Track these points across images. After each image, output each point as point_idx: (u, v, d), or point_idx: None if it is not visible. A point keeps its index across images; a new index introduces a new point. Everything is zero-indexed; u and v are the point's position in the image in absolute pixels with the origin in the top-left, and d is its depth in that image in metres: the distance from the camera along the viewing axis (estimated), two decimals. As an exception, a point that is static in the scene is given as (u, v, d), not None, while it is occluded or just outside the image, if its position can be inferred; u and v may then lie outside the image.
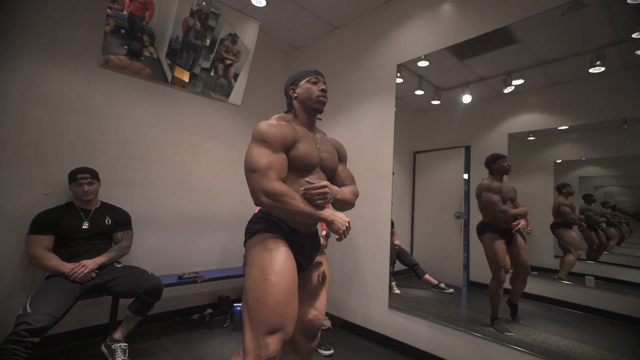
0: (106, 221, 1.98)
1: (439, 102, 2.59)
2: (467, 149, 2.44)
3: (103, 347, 1.88)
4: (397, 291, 2.48)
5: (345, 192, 1.23)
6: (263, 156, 1.03)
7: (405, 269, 2.63)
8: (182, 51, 2.53)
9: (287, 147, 1.10)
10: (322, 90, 1.23)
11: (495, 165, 2.06)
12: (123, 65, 2.30)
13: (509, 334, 1.80)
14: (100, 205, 2.02)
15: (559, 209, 2.00)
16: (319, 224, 1.82)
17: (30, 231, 1.77)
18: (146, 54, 2.41)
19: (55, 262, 1.73)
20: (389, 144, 2.42)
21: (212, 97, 2.83)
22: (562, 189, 2.00)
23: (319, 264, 1.24)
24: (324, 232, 2.21)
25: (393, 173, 2.38)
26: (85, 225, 1.89)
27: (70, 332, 2.07)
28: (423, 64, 2.31)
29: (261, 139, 1.06)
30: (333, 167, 1.27)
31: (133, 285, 1.84)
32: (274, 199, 0.99)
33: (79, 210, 1.92)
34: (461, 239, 2.44)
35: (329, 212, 1.07)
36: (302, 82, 1.24)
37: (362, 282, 2.49)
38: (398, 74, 2.41)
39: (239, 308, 2.48)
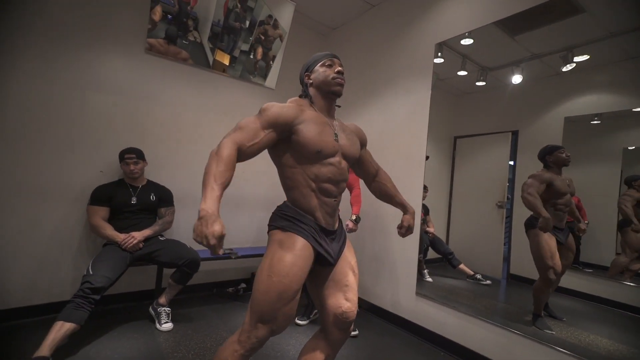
0: (151, 197, 2.14)
1: (484, 84, 2.39)
2: (515, 134, 2.24)
3: (150, 309, 2.09)
4: (429, 279, 2.41)
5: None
6: (249, 119, 1.04)
7: (439, 257, 2.54)
8: (222, 34, 2.60)
9: (277, 126, 1.05)
10: (338, 72, 1.17)
11: (552, 157, 1.84)
12: (161, 49, 2.41)
13: (550, 332, 1.67)
14: (146, 182, 2.19)
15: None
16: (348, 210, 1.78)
17: (90, 202, 2.00)
18: (190, 38, 2.50)
19: (110, 231, 1.94)
20: (423, 128, 2.31)
21: (251, 81, 2.89)
22: (632, 182, 1.74)
23: (348, 256, 1.22)
24: (353, 217, 2.20)
25: (427, 157, 2.28)
26: (134, 201, 2.07)
27: (124, 294, 2.32)
28: (467, 41, 2.14)
29: (261, 110, 1.07)
30: (355, 155, 1.22)
31: (174, 257, 1.99)
32: (214, 153, 0.94)
33: (128, 187, 2.10)
34: (502, 229, 2.29)
35: (207, 208, 0.83)
36: (317, 67, 1.19)
37: (390, 268, 2.46)
38: (439, 54, 2.26)
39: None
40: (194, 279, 2.49)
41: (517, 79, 2.13)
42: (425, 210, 2.49)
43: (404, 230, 1.35)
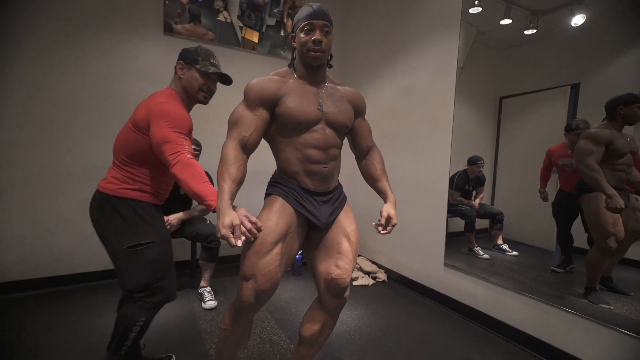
0: None
1: (534, 32, 2.06)
2: (575, 87, 1.92)
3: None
4: (486, 256, 2.24)
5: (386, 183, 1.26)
6: (237, 111, 1.06)
7: (481, 229, 2.35)
8: (249, 12, 2.62)
9: (264, 103, 1.05)
10: (315, 41, 1.01)
11: (626, 109, 1.51)
12: (186, 33, 2.49)
13: (607, 307, 1.46)
14: None
15: None
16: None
17: None
18: (220, 19, 2.57)
19: None
20: (450, 90, 2.12)
21: (281, 56, 2.88)
22: None
23: (344, 222, 1.16)
24: None
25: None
26: (182, 192, 2.15)
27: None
28: (508, -18, 1.86)
29: (244, 94, 1.08)
30: (343, 123, 1.12)
31: (194, 235, 2.11)
32: (221, 158, 1.01)
33: None
34: (557, 197, 2.02)
35: (217, 206, 0.95)
36: (297, 31, 1.06)
37: (418, 238, 2.40)
38: (475, 2, 2.00)
39: (299, 256, 2.67)
40: (226, 250, 2.60)
41: (578, 19, 1.78)
42: (479, 181, 2.33)
43: (384, 221, 1.14)
